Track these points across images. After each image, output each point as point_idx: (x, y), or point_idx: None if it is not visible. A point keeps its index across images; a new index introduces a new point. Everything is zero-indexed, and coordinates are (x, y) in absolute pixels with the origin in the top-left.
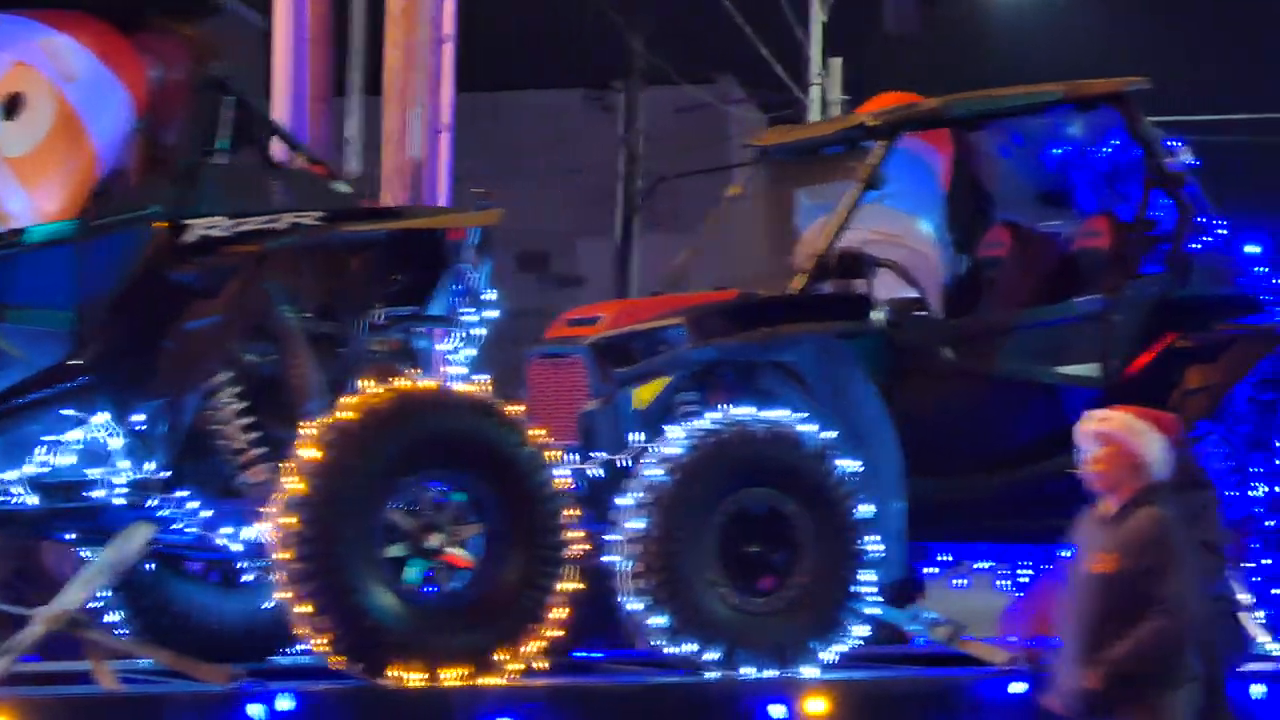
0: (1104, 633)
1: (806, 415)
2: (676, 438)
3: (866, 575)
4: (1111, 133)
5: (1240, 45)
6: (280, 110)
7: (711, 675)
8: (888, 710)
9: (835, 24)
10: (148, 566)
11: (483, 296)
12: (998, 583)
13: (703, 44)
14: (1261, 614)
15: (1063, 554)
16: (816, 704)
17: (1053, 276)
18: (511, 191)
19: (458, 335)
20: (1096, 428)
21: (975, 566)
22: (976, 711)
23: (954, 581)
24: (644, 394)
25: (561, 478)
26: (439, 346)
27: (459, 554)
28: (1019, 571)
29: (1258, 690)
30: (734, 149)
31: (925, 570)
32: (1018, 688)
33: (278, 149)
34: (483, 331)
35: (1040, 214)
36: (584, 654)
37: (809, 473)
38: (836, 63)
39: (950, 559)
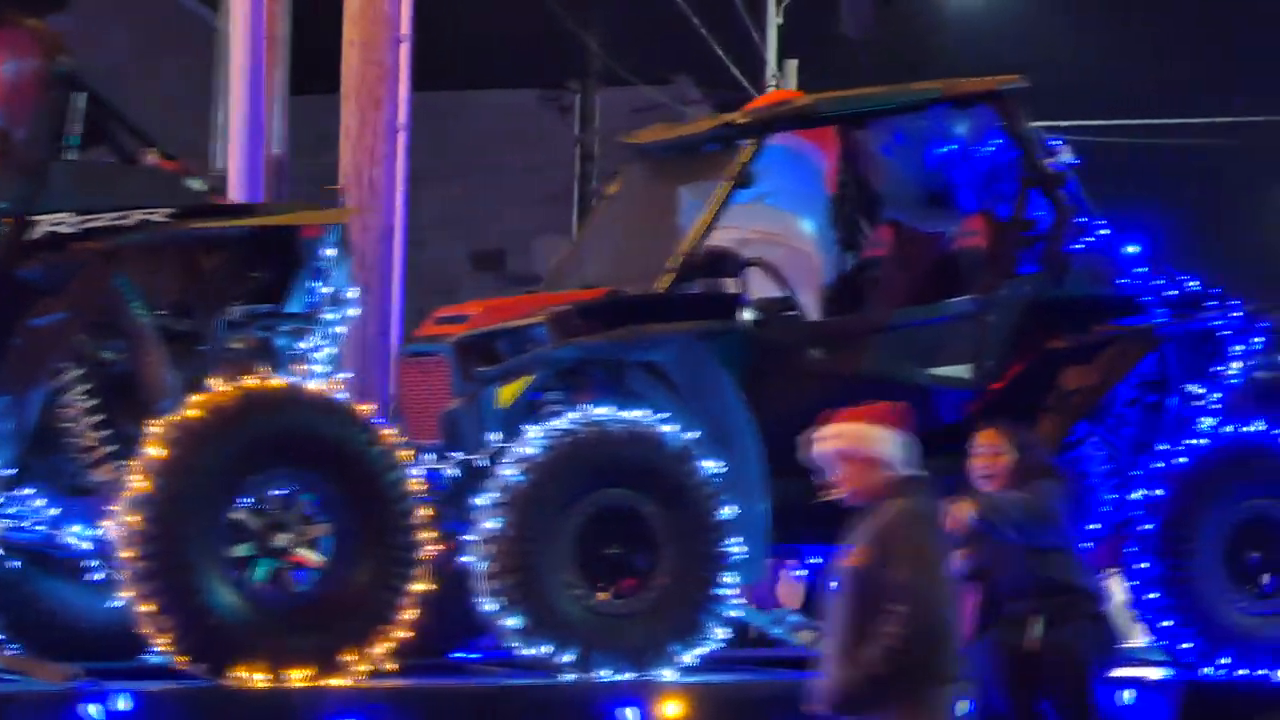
0: (857, 630)
1: (669, 415)
2: (533, 437)
3: (728, 577)
4: (992, 132)
5: (1212, 43)
6: (237, 109)
7: (566, 677)
8: (745, 714)
9: (791, 25)
10: (13, 563)
11: (342, 294)
12: None
13: (659, 45)
14: (1134, 615)
15: None
16: (672, 707)
17: (932, 276)
18: (467, 191)
19: (318, 333)
20: (823, 449)
21: None
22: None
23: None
24: (506, 393)
25: (415, 478)
26: (301, 344)
27: (307, 554)
28: None
29: (1127, 695)
30: None
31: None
32: None
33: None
34: (343, 329)
35: (925, 213)
36: (460, 655)
37: (669, 473)
38: (792, 64)
39: (820, 561)
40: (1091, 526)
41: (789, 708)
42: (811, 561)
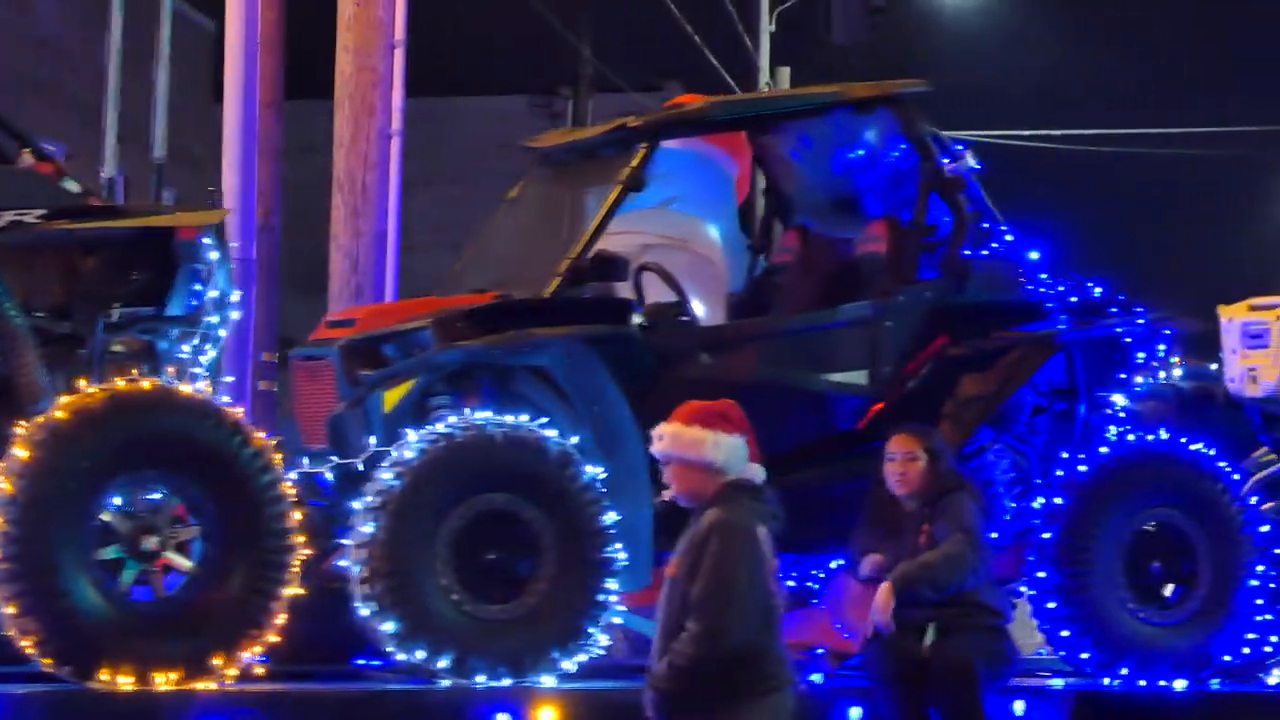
0: (668, 641)
1: (553, 420)
2: (410, 442)
3: (611, 583)
4: (895, 136)
5: (1209, 44)
6: (231, 113)
7: (442, 683)
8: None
9: (783, 32)
10: None
11: (225, 298)
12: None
13: (650, 51)
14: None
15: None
16: (547, 714)
17: (835, 282)
18: (460, 196)
19: (198, 336)
20: (656, 449)
21: None
22: None
23: None
24: (391, 398)
25: (289, 482)
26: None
27: (176, 558)
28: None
29: (1019, 706)
30: None
31: None
32: None
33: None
34: (224, 332)
35: (834, 219)
36: (364, 661)
37: (550, 479)
38: (784, 71)
39: None
40: (993, 535)
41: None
42: None
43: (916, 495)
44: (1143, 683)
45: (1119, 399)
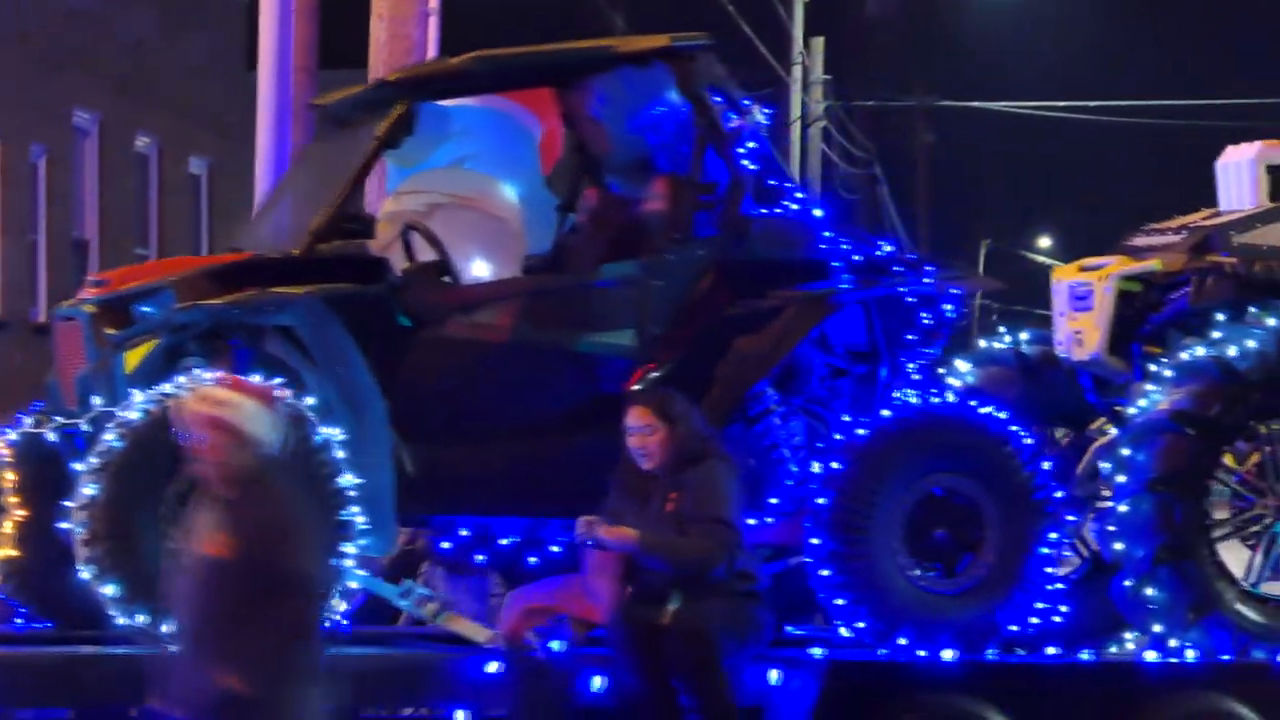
0: (232, 626)
1: (297, 381)
2: (135, 403)
3: (350, 547)
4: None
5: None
6: (265, 80)
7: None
8: (349, 688)
9: (817, 2)
10: None
11: None
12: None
13: (683, 21)
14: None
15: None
16: None
17: (621, 241)
18: None
19: None
20: (193, 410)
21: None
22: (448, 690)
23: (477, 558)
24: (132, 358)
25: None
26: None
27: None
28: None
29: (773, 675)
30: None
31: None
32: (493, 667)
33: None
34: None
35: (626, 176)
36: None
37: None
38: (818, 41)
39: (468, 534)
40: (772, 501)
41: (396, 681)
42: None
43: (661, 466)
44: (923, 653)
45: (962, 363)
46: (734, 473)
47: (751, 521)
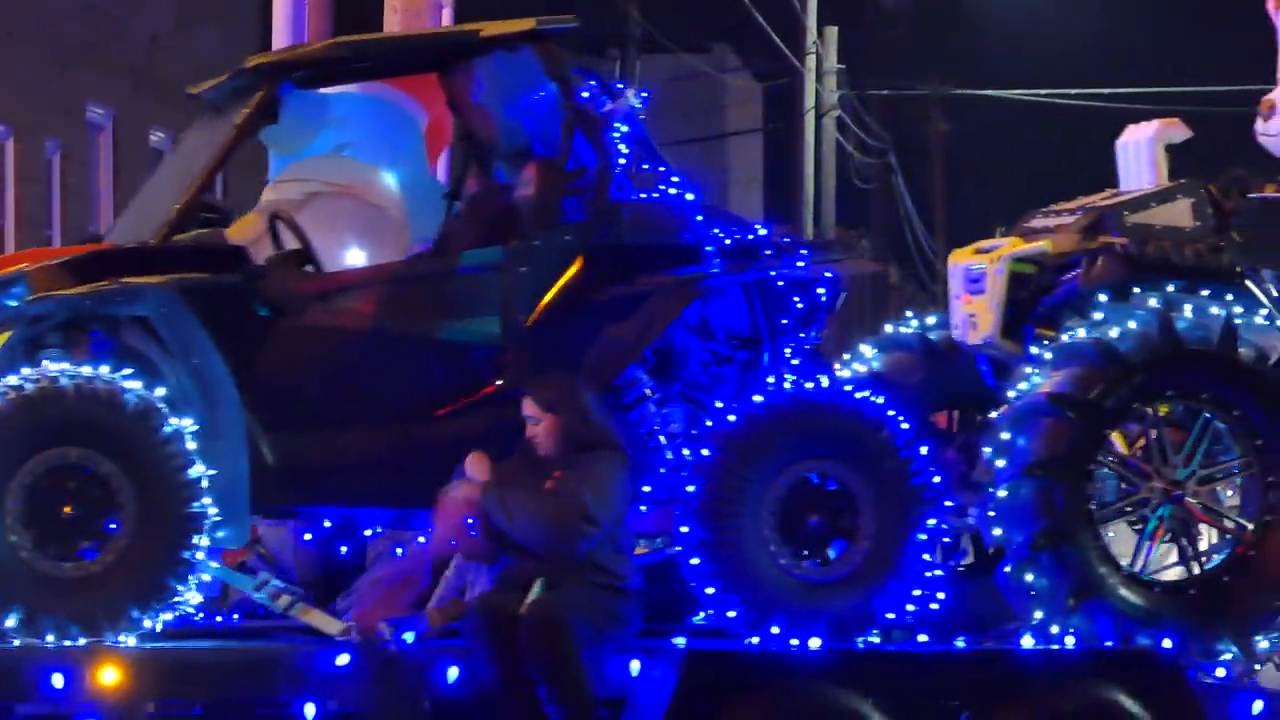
0: None
1: (151, 372)
2: None
3: (201, 539)
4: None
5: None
6: None
7: (13, 642)
8: (193, 682)
9: None
10: None
11: None
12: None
13: (699, 12)
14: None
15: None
16: (109, 674)
17: (496, 228)
18: None
19: None
20: None
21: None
22: (298, 682)
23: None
24: None
25: None
26: None
27: None
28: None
29: (634, 666)
30: (729, 117)
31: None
32: (343, 660)
33: None
34: None
35: (504, 162)
36: None
37: (129, 432)
38: (832, 31)
39: (329, 525)
40: (645, 489)
41: (243, 674)
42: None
43: (551, 454)
44: (795, 641)
45: (867, 349)
46: (621, 465)
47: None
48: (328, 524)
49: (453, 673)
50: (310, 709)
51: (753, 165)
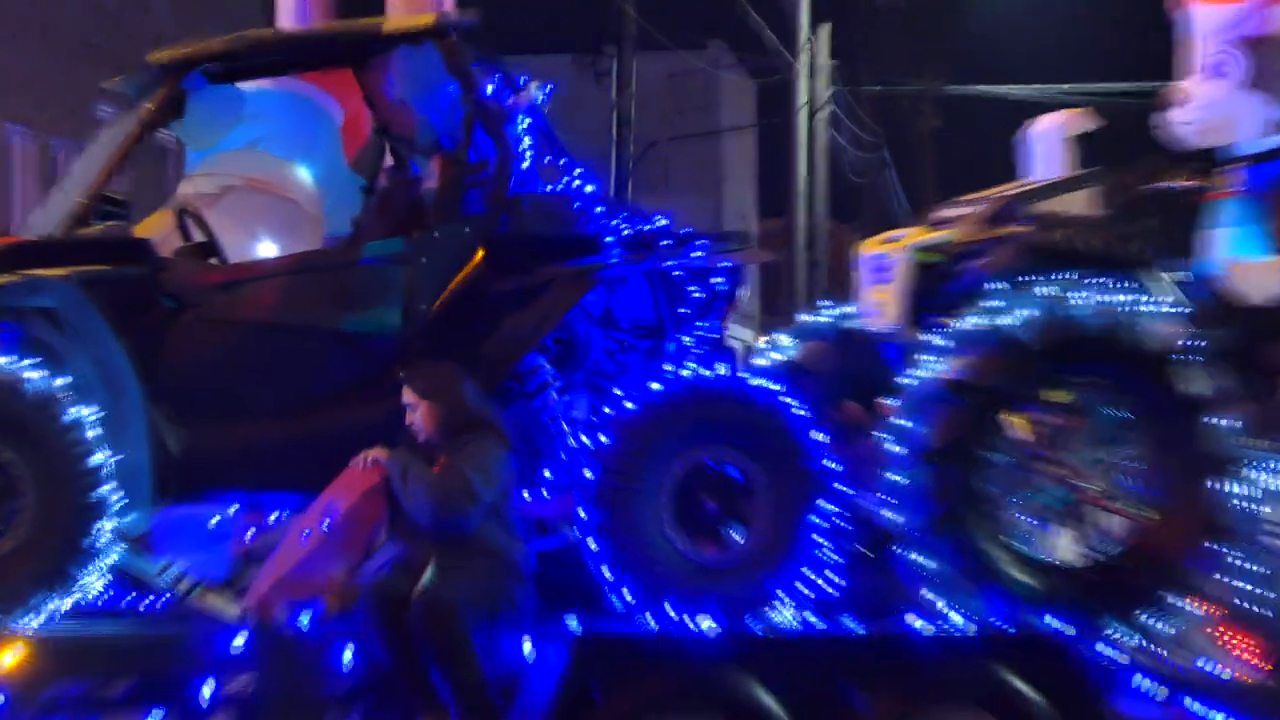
0: None
1: (50, 361)
2: None
3: (104, 525)
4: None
5: None
6: None
7: None
8: (92, 664)
9: None
10: None
11: None
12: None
13: (695, 10)
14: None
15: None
16: (7, 656)
17: (404, 221)
18: None
19: None
20: None
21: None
22: (194, 665)
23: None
24: None
25: None
26: None
27: None
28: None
29: (527, 647)
30: (725, 114)
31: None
32: (239, 641)
33: None
34: None
35: (413, 156)
36: None
37: (29, 420)
38: (825, 29)
39: (238, 508)
40: (547, 475)
41: (137, 657)
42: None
43: (430, 440)
44: (690, 623)
45: (784, 338)
46: (502, 446)
47: (527, 496)
48: (233, 509)
49: (348, 655)
50: (207, 690)
51: (748, 160)
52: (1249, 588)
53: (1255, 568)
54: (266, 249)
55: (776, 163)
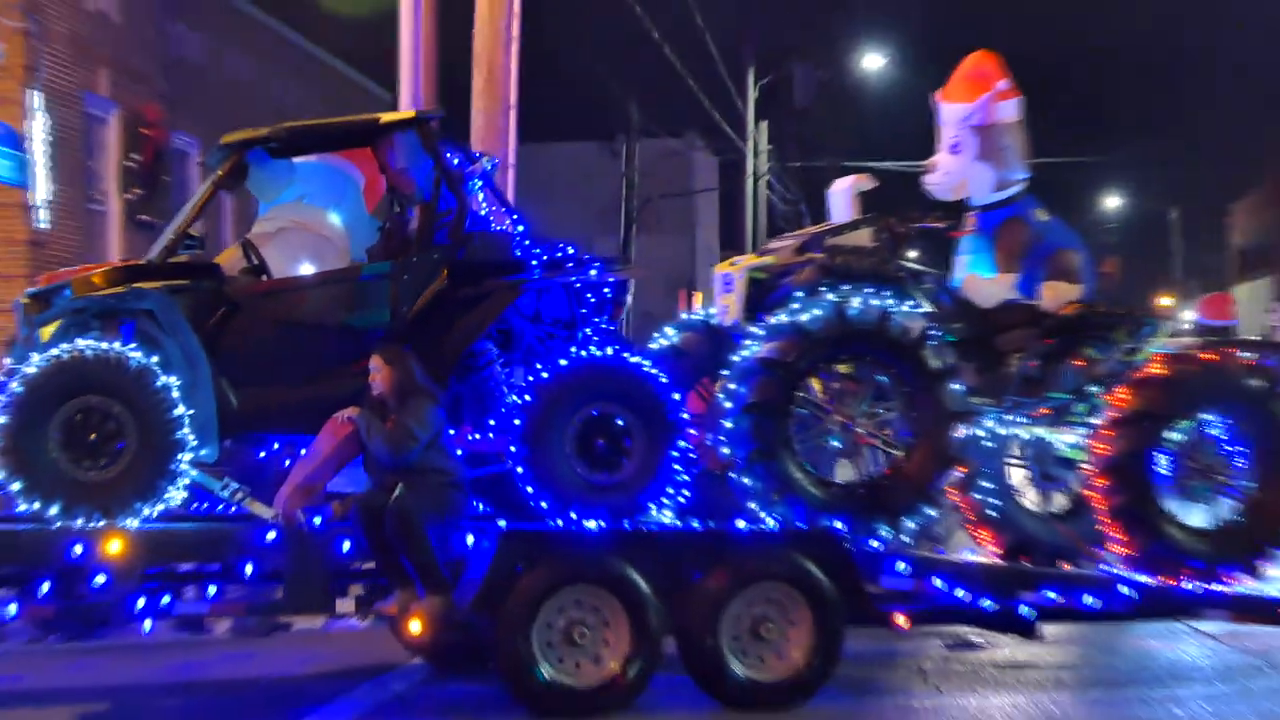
0: None
1: (157, 348)
2: (33, 361)
3: (184, 455)
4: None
5: None
6: None
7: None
8: (171, 551)
9: (764, 97)
10: None
11: None
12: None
13: (678, 107)
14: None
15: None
16: (115, 545)
17: (397, 250)
18: (549, 213)
19: None
20: None
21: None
22: (240, 551)
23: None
24: (45, 332)
25: None
26: None
27: None
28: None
29: (469, 539)
30: (697, 180)
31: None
32: (271, 536)
33: None
34: None
35: (413, 205)
36: None
37: (134, 384)
38: (764, 124)
39: (278, 447)
40: (492, 422)
41: (204, 546)
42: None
43: (387, 395)
44: (592, 524)
45: (670, 329)
46: (432, 403)
47: (476, 437)
48: (276, 446)
49: (346, 546)
50: (249, 569)
51: (712, 213)
52: (980, 498)
53: (984, 484)
54: (306, 269)
55: (732, 214)
